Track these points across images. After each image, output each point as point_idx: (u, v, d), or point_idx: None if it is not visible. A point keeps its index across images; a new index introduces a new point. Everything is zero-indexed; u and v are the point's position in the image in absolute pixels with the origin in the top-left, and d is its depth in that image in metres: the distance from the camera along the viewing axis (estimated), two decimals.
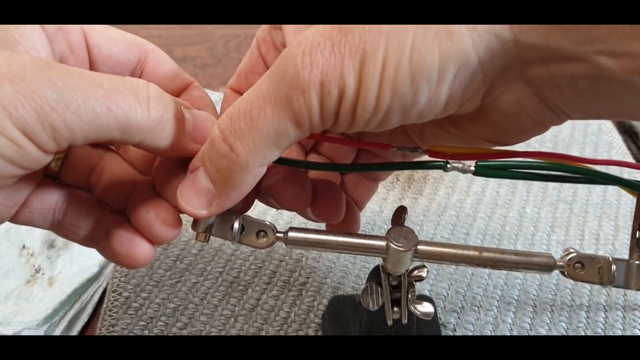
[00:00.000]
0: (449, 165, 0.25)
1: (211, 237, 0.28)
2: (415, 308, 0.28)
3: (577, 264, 0.28)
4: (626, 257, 0.29)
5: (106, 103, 0.21)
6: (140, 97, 0.22)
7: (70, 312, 0.40)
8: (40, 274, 0.42)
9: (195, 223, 0.27)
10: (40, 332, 0.38)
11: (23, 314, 0.39)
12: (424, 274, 0.29)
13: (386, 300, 0.29)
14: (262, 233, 0.28)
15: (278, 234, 0.28)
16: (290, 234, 0.28)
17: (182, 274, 0.42)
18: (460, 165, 0.25)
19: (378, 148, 0.26)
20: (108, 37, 0.27)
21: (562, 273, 0.29)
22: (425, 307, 0.28)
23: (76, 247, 0.44)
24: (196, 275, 0.42)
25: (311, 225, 0.38)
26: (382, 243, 0.27)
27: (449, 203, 0.49)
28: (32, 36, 0.24)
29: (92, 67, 0.27)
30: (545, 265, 0.28)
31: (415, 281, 0.29)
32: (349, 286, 0.42)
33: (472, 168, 0.25)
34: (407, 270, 0.28)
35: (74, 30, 0.26)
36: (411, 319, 0.30)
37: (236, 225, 0.27)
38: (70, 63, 0.26)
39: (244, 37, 0.71)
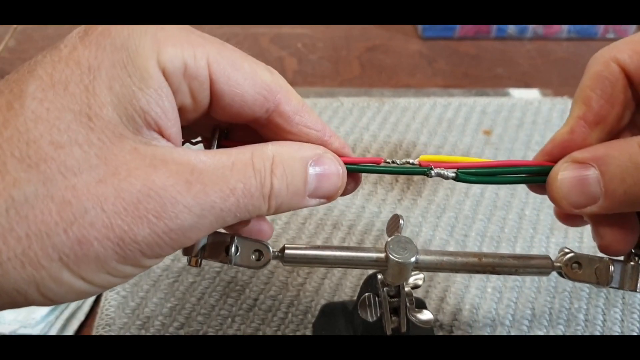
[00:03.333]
0: (432, 172, 0.26)
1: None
2: (414, 317, 0.28)
3: (574, 264, 0.28)
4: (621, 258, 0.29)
5: (236, 211, 0.22)
6: (266, 194, 0.23)
7: (67, 311, 0.40)
8: None
9: (188, 248, 0.26)
10: (36, 330, 0.38)
11: (19, 312, 0.39)
12: (420, 281, 0.29)
13: (385, 310, 0.28)
14: (257, 253, 0.27)
15: (274, 252, 0.27)
16: (287, 251, 0.27)
17: (179, 273, 0.42)
18: (443, 172, 0.26)
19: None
20: (235, 83, 0.23)
21: (560, 274, 0.28)
22: (425, 315, 0.28)
23: None
24: (193, 274, 0.42)
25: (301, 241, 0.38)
26: (381, 255, 0.27)
27: (448, 205, 0.48)
28: (159, 99, 0.21)
29: (211, 110, 0.24)
30: (543, 267, 0.28)
31: (412, 289, 0.28)
32: (348, 287, 0.42)
33: (453, 174, 0.26)
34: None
35: (199, 76, 0.22)
36: (407, 327, 0.30)
37: (232, 248, 0.26)
38: (189, 111, 0.23)
39: (244, 37, 0.71)
